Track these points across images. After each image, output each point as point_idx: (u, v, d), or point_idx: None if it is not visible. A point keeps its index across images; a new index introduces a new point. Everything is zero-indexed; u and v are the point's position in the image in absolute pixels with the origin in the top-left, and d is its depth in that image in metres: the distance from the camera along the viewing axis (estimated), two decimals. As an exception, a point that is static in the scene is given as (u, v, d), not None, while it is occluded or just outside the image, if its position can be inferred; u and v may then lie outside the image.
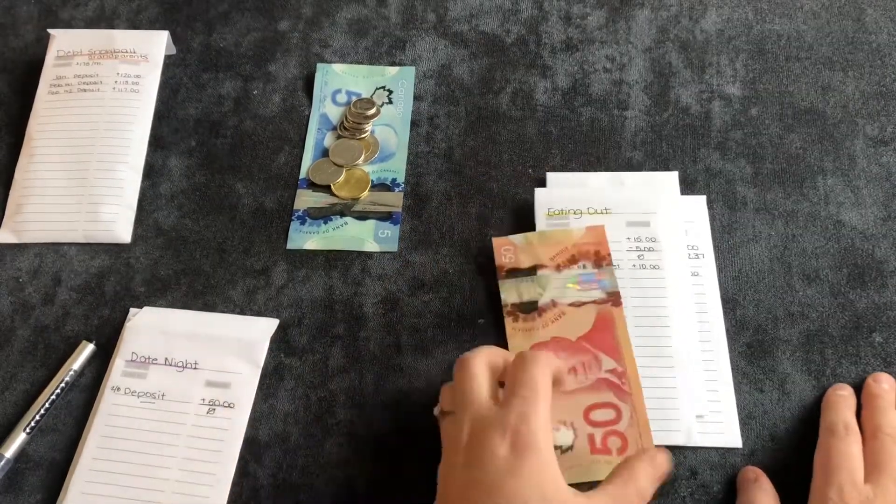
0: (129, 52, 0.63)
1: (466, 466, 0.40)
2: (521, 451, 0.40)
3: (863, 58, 0.62)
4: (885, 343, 0.51)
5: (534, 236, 0.54)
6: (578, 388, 0.49)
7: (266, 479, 0.49)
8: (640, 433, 0.48)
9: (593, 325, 0.51)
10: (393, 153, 0.60)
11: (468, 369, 0.44)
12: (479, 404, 0.42)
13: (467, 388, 0.43)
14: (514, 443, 0.40)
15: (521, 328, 0.52)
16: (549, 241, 0.54)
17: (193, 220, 0.58)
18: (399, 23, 0.65)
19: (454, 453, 0.42)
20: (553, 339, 0.51)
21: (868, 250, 0.54)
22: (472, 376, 0.43)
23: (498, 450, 0.40)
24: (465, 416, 0.42)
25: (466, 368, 0.44)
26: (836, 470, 0.44)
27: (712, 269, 0.54)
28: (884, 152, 0.58)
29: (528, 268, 0.53)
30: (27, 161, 0.60)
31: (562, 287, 0.52)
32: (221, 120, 0.62)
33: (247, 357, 0.52)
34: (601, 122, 0.60)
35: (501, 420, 0.41)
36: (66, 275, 0.56)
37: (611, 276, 0.52)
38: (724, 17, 0.64)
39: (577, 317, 0.51)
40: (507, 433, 0.40)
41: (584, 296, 0.52)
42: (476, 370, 0.44)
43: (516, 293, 0.53)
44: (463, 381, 0.43)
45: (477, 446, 0.41)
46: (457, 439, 0.42)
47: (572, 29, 0.64)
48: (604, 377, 0.49)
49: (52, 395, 0.51)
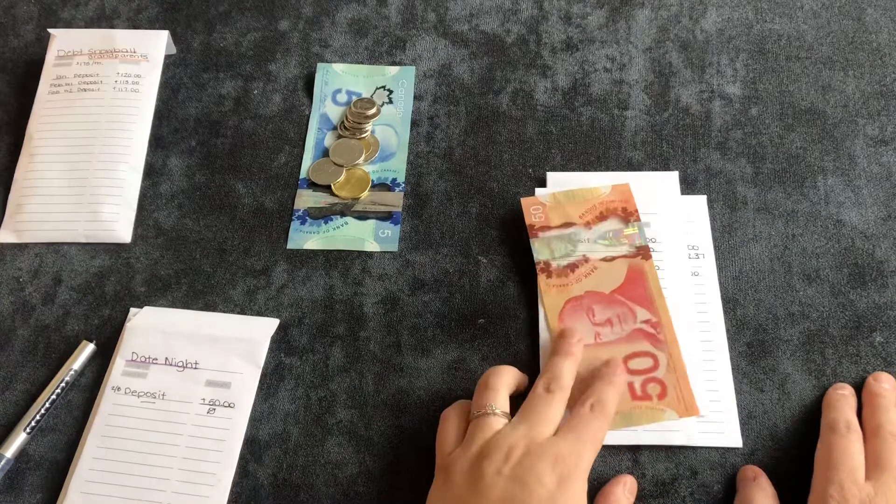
0: (130, 52, 0.63)
1: (512, 480, 0.41)
2: (565, 483, 0.41)
3: (863, 57, 0.62)
4: (885, 343, 0.51)
5: (561, 195, 0.55)
6: (615, 339, 0.51)
7: (266, 479, 0.49)
8: (678, 379, 0.49)
9: (625, 278, 0.52)
10: (393, 153, 0.60)
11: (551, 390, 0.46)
12: (543, 427, 0.44)
13: (538, 406, 0.45)
14: (561, 475, 0.41)
15: (554, 284, 0.53)
16: (576, 199, 0.55)
17: (194, 219, 0.58)
18: (399, 22, 0.65)
19: (502, 460, 0.42)
20: (587, 294, 0.52)
21: (868, 250, 0.54)
22: (550, 404, 0.45)
23: (545, 478, 0.41)
24: (526, 432, 0.43)
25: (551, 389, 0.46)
26: (837, 467, 0.44)
27: (713, 269, 0.54)
28: (884, 152, 0.58)
29: (558, 225, 0.54)
30: (27, 161, 0.60)
31: (592, 243, 0.53)
32: (222, 120, 0.62)
33: (247, 357, 0.52)
34: (601, 122, 0.60)
35: (556, 451, 0.42)
36: (67, 275, 0.56)
37: (640, 231, 0.53)
38: (725, 17, 0.64)
39: (609, 271, 0.53)
40: (557, 466, 0.42)
41: (615, 251, 0.53)
42: (560, 394, 0.46)
43: (548, 250, 0.54)
44: (543, 400, 0.45)
45: (525, 467, 0.42)
46: (511, 449, 0.42)
47: (572, 29, 0.64)
48: (639, 327, 0.51)
49: (52, 395, 0.51)
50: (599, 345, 0.51)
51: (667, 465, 0.48)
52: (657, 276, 0.52)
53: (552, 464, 0.42)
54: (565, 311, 0.52)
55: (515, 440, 0.43)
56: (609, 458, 0.49)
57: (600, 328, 0.51)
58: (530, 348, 0.52)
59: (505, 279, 0.54)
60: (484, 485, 0.41)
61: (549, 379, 0.46)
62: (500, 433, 0.44)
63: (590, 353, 0.50)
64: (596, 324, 0.51)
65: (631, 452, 0.49)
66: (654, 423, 0.48)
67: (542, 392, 0.46)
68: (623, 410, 0.49)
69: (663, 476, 0.48)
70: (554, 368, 0.47)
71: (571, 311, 0.52)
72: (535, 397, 0.46)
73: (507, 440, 0.43)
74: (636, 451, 0.49)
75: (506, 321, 0.53)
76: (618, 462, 0.49)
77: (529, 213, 0.55)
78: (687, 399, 0.49)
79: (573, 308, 0.52)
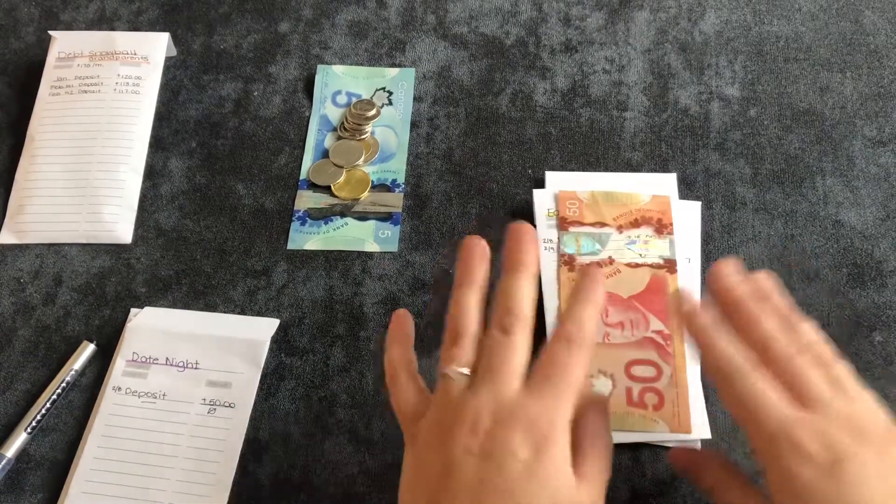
0: (130, 54, 0.63)
1: (482, 458, 0.36)
2: (542, 450, 0.35)
3: (861, 59, 0.62)
4: (885, 342, 0.51)
5: (600, 194, 0.56)
6: (624, 342, 0.51)
7: (266, 479, 0.49)
8: (678, 394, 0.49)
9: (646, 286, 0.52)
10: (393, 154, 0.60)
11: (514, 333, 0.38)
12: (508, 380, 0.37)
13: (498, 355, 0.37)
14: (536, 442, 0.36)
15: (574, 279, 0.53)
16: (614, 201, 0.55)
17: (194, 220, 0.58)
18: (399, 24, 0.65)
19: (468, 435, 0.36)
20: (605, 294, 0.51)
21: (867, 250, 0.54)
22: (511, 349, 0.38)
23: (518, 451, 0.35)
24: (489, 395, 0.37)
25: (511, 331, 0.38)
26: (757, 413, 0.36)
27: (697, 275, 0.54)
28: (882, 153, 0.58)
29: (591, 223, 0.54)
30: (28, 162, 0.60)
31: (621, 248, 0.53)
32: (222, 121, 0.62)
33: (247, 357, 0.52)
34: (600, 124, 0.60)
35: (527, 415, 0.36)
36: (68, 275, 0.56)
37: (670, 245, 0.53)
38: (723, 19, 0.64)
39: (632, 277, 0.53)
40: (530, 432, 0.36)
41: (642, 259, 0.53)
42: (521, 332, 0.38)
43: (576, 245, 0.54)
44: (501, 346, 0.38)
45: (496, 441, 0.36)
46: (476, 420, 0.36)
47: (571, 30, 0.64)
48: (650, 336, 0.51)
49: (53, 395, 0.51)
50: (607, 345, 0.51)
51: (667, 464, 0.48)
52: (678, 292, 0.52)
53: (525, 431, 0.36)
54: None
55: (479, 406, 0.36)
56: (609, 457, 0.49)
57: (611, 329, 0.51)
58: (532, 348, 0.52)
59: (505, 279, 0.55)
60: (454, 468, 0.36)
61: (501, 314, 0.39)
62: (463, 400, 0.37)
63: (595, 352, 0.49)
64: (608, 324, 0.51)
65: (631, 451, 0.49)
66: (644, 433, 0.48)
67: (499, 335, 0.38)
68: (617, 413, 0.49)
69: (663, 476, 0.48)
70: (507, 297, 0.39)
71: None
72: (492, 344, 0.38)
73: (470, 408, 0.37)
74: (636, 450, 0.49)
75: (506, 321, 0.53)
76: (617, 461, 0.48)
77: (565, 206, 0.55)
78: (682, 415, 0.49)
79: None
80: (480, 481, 0.35)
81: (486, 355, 0.38)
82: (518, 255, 0.40)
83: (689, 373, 0.50)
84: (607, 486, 0.38)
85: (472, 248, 0.41)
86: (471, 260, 0.41)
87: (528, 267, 0.40)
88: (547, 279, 0.53)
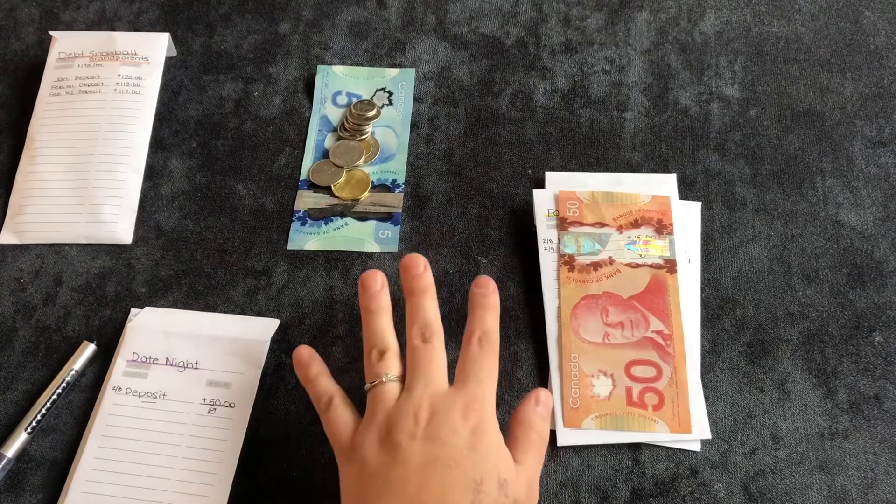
0: (131, 54, 0.63)
1: (427, 440, 0.41)
2: (479, 429, 0.41)
3: (861, 60, 0.62)
4: (885, 342, 0.51)
5: (600, 194, 0.56)
6: (624, 342, 0.51)
7: (266, 479, 0.49)
8: (678, 395, 0.49)
9: (646, 286, 0.52)
10: (393, 154, 0.60)
11: (431, 348, 0.45)
12: (437, 379, 0.44)
13: (423, 359, 0.44)
14: (473, 422, 0.42)
15: (574, 278, 0.53)
16: (614, 201, 0.55)
17: (194, 220, 0.58)
18: (399, 25, 0.65)
19: (412, 425, 0.42)
20: (605, 294, 0.52)
21: (867, 250, 0.55)
22: (433, 353, 0.44)
23: (459, 429, 0.41)
24: (424, 391, 0.43)
25: (428, 346, 0.45)
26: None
27: (696, 275, 0.54)
28: (882, 153, 0.58)
29: (591, 223, 0.54)
30: (29, 162, 0.60)
31: (621, 248, 0.53)
32: (222, 121, 0.62)
33: (247, 357, 0.52)
34: (600, 124, 0.60)
35: (461, 401, 0.42)
36: (68, 275, 0.56)
37: (671, 245, 0.53)
38: (723, 20, 0.64)
39: (632, 277, 0.53)
40: (467, 414, 0.42)
41: (642, 259, 0.53)
42: (437, 340, 0.45)
43: (576, 245, 0.54)
44: (425, 352, 0.44)
45: (438, 423, 0.41)
46: (416, 412, 0.42)
47: (571, 31, 0.64)
48: (650, 336, 0.51)
49: (53, 395, 0.51)
50: (607, 345, 0.51)
51: (667, 464, 0.48)
52: (678, 292, 0.52)
53: (462, 413, 0.42)
54: (580, 306, 0.52)
55: (418, 401, 0.42)
56: (609, 456, 0.49)
57: (611, 329, 0.51)
58: (530, 348, 0.52)
59: (505, 279, 0.55)
60: (401, 453, 0.41)
61: (420, 329, 0.45)
62: (401, 399, 0.43)
63: (595, 352, 0.50)
64: (608, 324, 0.51)
65: (631, 451, 0.49)
66: (644, 433, 0.49)
67: (420, 344, 0.45)
68: (616, 414, 0.49)
69: (663, 476, 0.48)
70: (419, 314, 0.46)
71: (586, 307, 0.52)
72: (417, 352, 0.45)
73: (409, 404, 0.42)
74: (636, 450, 0.49)
75: (506, 321, 0.53)
76: (617, 461, 0.49)
77: (565, 206, 0.55)
78: (682, 415, 0.49)
79: (588, 304, 0.52)
80: (429, 460, 0.40)
81: (412, 362, 0.44)
82: (418, 281, 0.47)
83: (689, 373, 0.50)
84: (540, 476, 0.44)
85: (373, 279, 0.47)
86: (373, 290, 0.47)
87: (428, 289, 0.47)
88: (547, 279, 0.53)
